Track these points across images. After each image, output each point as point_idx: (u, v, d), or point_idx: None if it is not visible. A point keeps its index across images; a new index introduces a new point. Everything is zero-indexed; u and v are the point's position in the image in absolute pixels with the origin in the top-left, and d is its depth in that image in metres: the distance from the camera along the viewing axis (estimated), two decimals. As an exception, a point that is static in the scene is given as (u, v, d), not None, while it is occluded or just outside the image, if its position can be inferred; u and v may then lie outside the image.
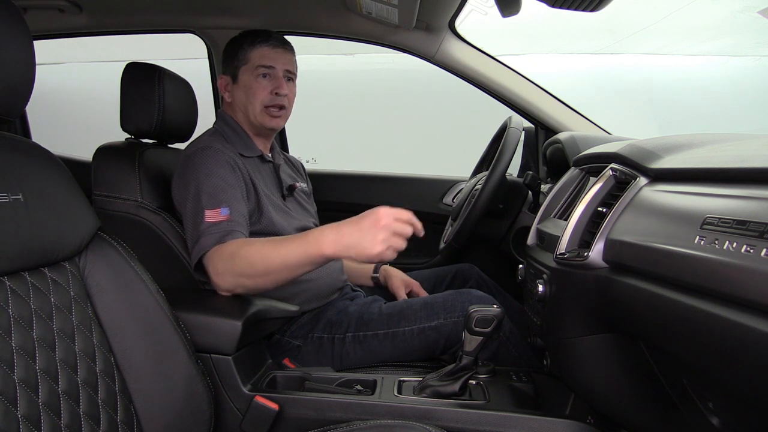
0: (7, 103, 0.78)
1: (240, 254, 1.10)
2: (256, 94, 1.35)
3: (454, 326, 1.24)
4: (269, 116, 1.36)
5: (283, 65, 1.37)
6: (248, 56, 1.36)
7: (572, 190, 1.14)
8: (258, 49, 1.36)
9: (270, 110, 1.36)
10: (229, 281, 1.12)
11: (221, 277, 1.12)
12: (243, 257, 1.10)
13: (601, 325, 0.84)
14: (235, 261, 1.10)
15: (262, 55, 1.35)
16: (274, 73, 1.36)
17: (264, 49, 1.35)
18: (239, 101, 1.38)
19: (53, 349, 0.77)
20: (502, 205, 1.61)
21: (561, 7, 1.13)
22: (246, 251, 1.11)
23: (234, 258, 1.11)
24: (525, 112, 1.79)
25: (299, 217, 1.41)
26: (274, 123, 1.38)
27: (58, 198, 0.85)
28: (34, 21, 1.54)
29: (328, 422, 1.00)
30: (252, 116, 1.36)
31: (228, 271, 1.11)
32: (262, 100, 1.35)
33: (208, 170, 1.22)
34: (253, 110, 1.36)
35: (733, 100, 3.90)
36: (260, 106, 1.35)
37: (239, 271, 1.10)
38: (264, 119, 1.36)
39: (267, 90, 1.35)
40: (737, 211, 0.56)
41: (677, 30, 3.76)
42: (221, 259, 1.12)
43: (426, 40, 1.77)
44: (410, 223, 1.07)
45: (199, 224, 1.17)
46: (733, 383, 0.57)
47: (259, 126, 1.38)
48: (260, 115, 1.36)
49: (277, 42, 1.37)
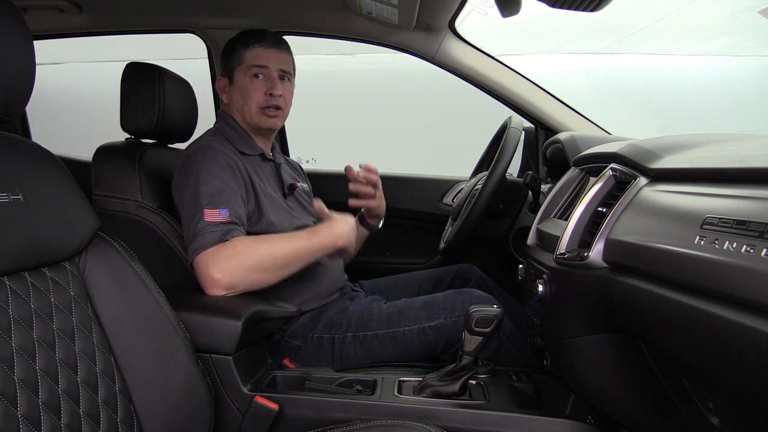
0: (7, 103, 0.78)
1: (255, 249, 1.16)
2: (250, 95, 1.35)
3: (454, 326, 1.24)
4: (266, 116, 1.36)
5: (276, 65, 1.36)
6: (242, 57, 1.36)
7: (572, 190, 1.14)
8: (251, 49, 1.35)
9: (266, 111, 1.36)
10: (237, 275, 1.14)
11: (225, 272, 1.13)
12: (259, 252, 1.17)
13: (601, 325, 0.84)
14: (248, 256, 1.15)
15: (256, 56, 1.35)
16: (268, 73, 1.36)
17: (257, 50, 1.35)
18: (236, 102, 1.38)
19: (53, 349, 0.77)
20: (502, 205, 1.61)
21: (561, 7, 1.13)
22: (261, 247, 1.18)
23: (245, 253, 1.15)
24: (525, 112, 1.79)
25: (300, 216, 1.41)
26: (271, 123, 1.38)
27: (58, 198, 0.85)
28: (34, 21, 1.55)
29: (328, 422, 1.00)
30: (248, 117, 1.37)
31: (236, 267, 1.13)
32: (257, 101, 1.35)
33: (209, 170, 1.22)
34: (249, 111, 1.36)
35: (733, 100, 3.89)
36: (256, 107, 1.35)
37: (253, 264, 1.15)
38: (260, 120, 1.36)
39: (261, 91, 1.35)
40: (737, 211, 0.56)
41: (677, 30, 3.76)
42: (227, 256, 1.13)
43: (426, 40, 1.76)
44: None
45: (197, 222, 1.17)
46: (734, 383, 0.57)
47: (256, 126, 1.38)
48: (256, 116, 1.36)
49: (270, 42, 1.37)
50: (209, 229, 1.16)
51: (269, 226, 1.29)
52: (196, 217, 1.18)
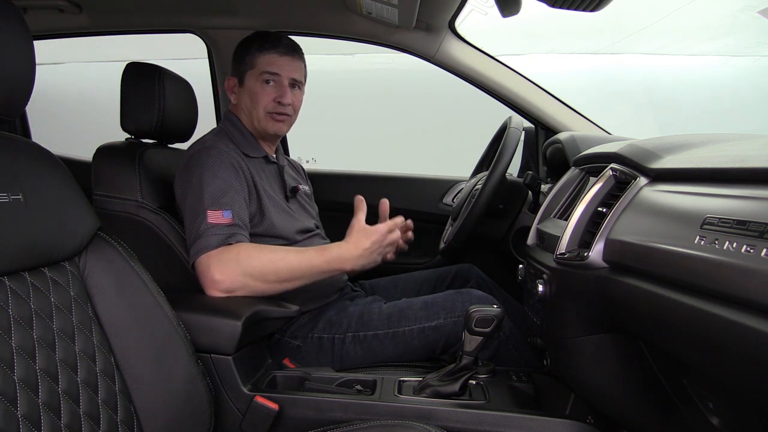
0: (7, 103, 0.78)
1: (258, 257, 1.15)
2: (259, 100, 1.35)
3: (455, 326, 1.24)
4: (273, 121, 1.36)
5: (288, 73, 1.36)
6: (255, 61, 1.35)
7: (572, 190, 1.14)
8: (266, 55, 1.34)
9: (273, 115, 1.36)
10: (237, 281, 1.13)
11: (226, 276, 1.13)
12: (261, 261, 1.15)
13: (601, 325, 0.84)
14: (250, 263, 1.14)
15: (269, 62, 1.34)
16: (279, 81, 1.35)
17: (271, 56, 1.34)
18: (244, 104, 1.38)
19: (53, 349, 0.77)
20: (502, 205, 1.61)
21: (561, 7, 1.13)
22: (265, 257, 1.16)
23: (248, 260, 1.14)
24: (525, 112, 1.79)
25: (301, 219, 1.41)
26: (277, 128, 1.38)
27: (58, 198, 0.85)
28: (34, 21, 1.54)
29: (328, 422, 1.00)
30: (255, 121, 1.36)
31: (237, 272, 1.13)
32: (265, 106, 1.35)
33: (212, 171, 1.22)
34: (257, 115, 1.36)
35: (733, 100, 3.89)
36: (263, 112, 1.35)
37: (254, 273, 1.14)
38: (267, 124, 1.36)
39: (270, 97, 1.34)
40: (737, 211, 0.56)
41: (677, 30, 3.76)
42: (228, 259, 1.13)
43: (426, 40, 1.76)
44: (402, 226, 1.29)
45: (200, 224, 1.17)
46: (733, 383, 0.57)
47: (262, 130, 1.38)
48: (263, 120, 1.36)
49: (285, 49, 1.36)
50: (212, 231, 1.16)
51: (271, 228, 1.29)
52: (199, 219, 1.18)
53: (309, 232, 1.41)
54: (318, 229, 1.47)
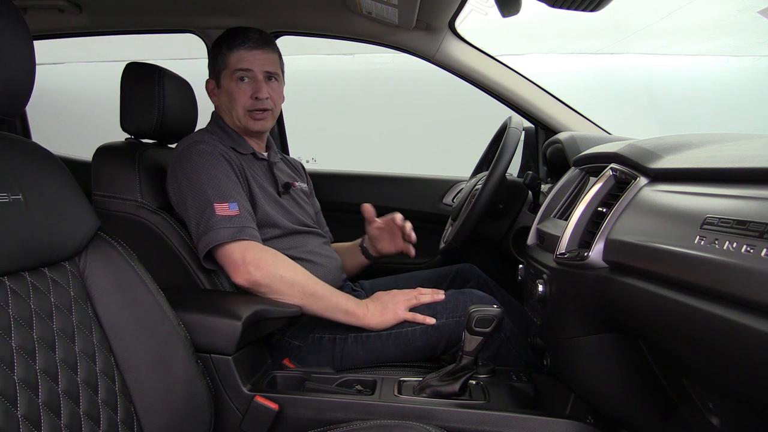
0: (7, 103, 0.78)
1: (294, 266, 1.21)
2: (236, 99, 1.35)
3: (456, 326, 1.24)
4: (253, 119, 1.37)
5: (261, 66, 1.35)
6: (227, 60, 1.35)
7: (572, 190, 1.14)
8: (235, 52, 1.34)
9: (253, 114, 1.36)
10: (267, 276, 1.17)
11: (264, 270, 1.16)
12: (295, 270, 1.21)
13: (601, 325, 0.84)
14: (284, 267, 1.19)
15: (240, 59, 1.34)
16: (253, 76, 1.35)
17: (241, 52, 1.34)
18: (224, 105, 1.39)
19: (53, 349, 0.77)
20: (502, 205, 1.61)
21: (561, 7, 1.13)
22: (299, 268, 1.22)
23: (284, 264, 1.20)
24: (525, 112, 1.79)
25: (295, 213, 1.41)
26: (259, 126, 1.38)
27: (58, 198, 0.85)
28: (34, 21, 1.54)
29: (328, 422, 1.00)
30: (237, 120, 1.37)
31: (271, 268, 1.17)
32: (243, 105, 1.35)
33: (206, 164, 1.23)
34: (237, 114, 1.36)
35: (733, 100, 3.89)
36: (243, 111, 1.35)
37: (285, 275, 1.18)
38: (248, 123, 1.37)
39: (247, 94, 1.35)
40: (737, 211, 0.56)
41: (677, 30, 3.76)
42: (266, 253, 1.19)
43: (426, 40, 1.76)
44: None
45: (209, 217, 1.18)
46: (733, 383, 0.57)
47: (245, 129, 1.38)
48: (244, 119, 1.36)
49: (254, 43, 1.34)
50: (223, 224, 1.17)
51: (265, 217, 1.30)
52: (207, 212, 1.19)
53: (305, 227, 1.41)
54: (315, 228, 1.46)
